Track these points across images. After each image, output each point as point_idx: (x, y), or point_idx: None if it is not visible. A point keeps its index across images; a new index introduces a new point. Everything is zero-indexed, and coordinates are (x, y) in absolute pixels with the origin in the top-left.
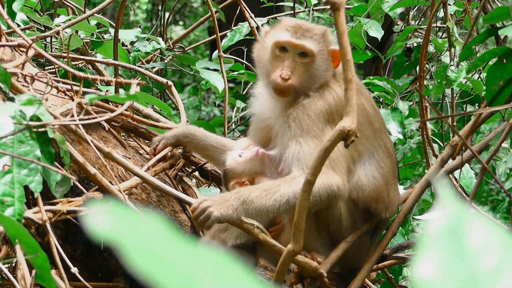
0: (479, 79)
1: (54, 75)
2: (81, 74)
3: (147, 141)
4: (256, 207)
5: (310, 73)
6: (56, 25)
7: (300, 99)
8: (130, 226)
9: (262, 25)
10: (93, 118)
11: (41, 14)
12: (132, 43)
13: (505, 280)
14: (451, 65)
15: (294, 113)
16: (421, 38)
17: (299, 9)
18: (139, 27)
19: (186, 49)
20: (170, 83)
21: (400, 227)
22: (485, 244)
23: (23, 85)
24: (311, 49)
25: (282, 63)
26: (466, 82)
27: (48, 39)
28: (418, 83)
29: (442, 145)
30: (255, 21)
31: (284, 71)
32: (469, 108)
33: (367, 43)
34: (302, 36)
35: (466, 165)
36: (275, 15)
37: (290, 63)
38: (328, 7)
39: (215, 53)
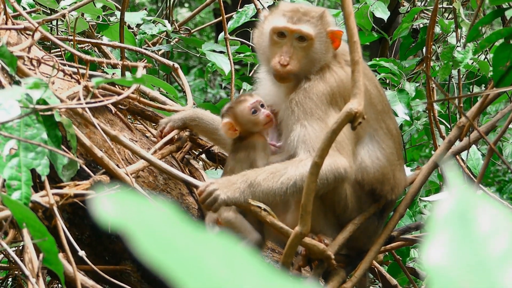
0: (486, 60)
1: (60, 58)
2: (88, 57)
3: (154, 124)
4: (263, 190)
5: (309, 56)
6: (62, 8)
7: (302, 83)
8: (137, 212)
9: (268, 7)
10: (99, 101)
11: None
12: (138, 25)
13: None
14: (457, 46)
15: (296, 97)
16: (428, 19)
17: None
18: (145, 9)
19: (192, 31)
20: (176, 65)
21: (408, 209)
22: (494, 229)
23: (30, 69)
24: (308, 33)
25: (280, 48)
26: (472, 63)
27: (54, 22)
28: (424, 65)
29: (449, 126)
30: (261, 3)
31: (282, 57)
32: (476, 89)
33: (373, 25)
34: (298, 20)
35: (473, 146)
36: None
37: (288, 49)
38: None
39: (221, 35)
